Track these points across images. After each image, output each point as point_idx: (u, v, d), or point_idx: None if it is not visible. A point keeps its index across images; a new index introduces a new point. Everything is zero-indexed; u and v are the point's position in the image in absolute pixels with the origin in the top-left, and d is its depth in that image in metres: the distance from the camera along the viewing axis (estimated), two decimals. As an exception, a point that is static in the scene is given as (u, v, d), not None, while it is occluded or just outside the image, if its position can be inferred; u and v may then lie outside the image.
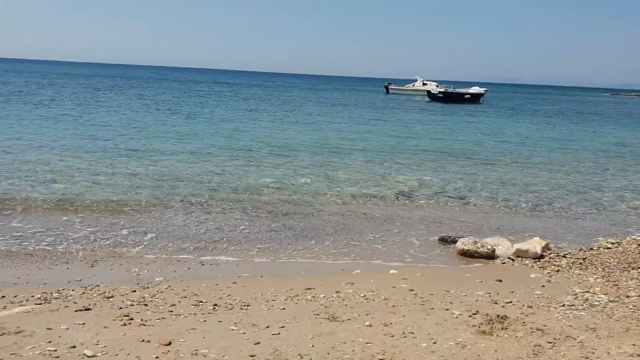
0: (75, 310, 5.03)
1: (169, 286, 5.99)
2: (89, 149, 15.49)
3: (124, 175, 12.08)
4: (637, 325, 4.77)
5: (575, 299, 5.64)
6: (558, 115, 46.32)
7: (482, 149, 20.10)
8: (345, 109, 40.78)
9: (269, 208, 9.94)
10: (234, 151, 16.49)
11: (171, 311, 5.11)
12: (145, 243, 7.78)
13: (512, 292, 5.91)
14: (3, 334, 4.30)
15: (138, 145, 16.55)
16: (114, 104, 32.49)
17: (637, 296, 5.68)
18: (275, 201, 10.44)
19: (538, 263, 7.29)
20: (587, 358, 4.07)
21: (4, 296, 5.43)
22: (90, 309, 5.09)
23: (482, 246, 7.59)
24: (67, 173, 12.02)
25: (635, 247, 8.01)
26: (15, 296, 5.44)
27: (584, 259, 7.43)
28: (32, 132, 18.08)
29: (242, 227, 8.77)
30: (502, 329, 4.64)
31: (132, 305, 5.26)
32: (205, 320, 4.84)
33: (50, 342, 4.18)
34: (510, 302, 5.51)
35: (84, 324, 4.64)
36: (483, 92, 60.76)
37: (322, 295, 5.67)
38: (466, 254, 7.60)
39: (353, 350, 4.14)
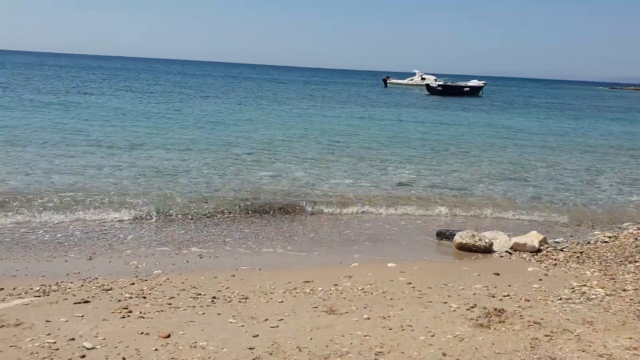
0: (74, 303, 5.04)
1: (168, 279, 6.00)
2: (82, 141, 15.46)
3: (120, 169, 12.07)
4: (634, 319, 4.80)
5: (572, 292, 5.67)
6: (557, 109, 46.37)
7: (479, 143, 20.11)
8: (340, 102, 40.67)
9: (265, 202, 9.92)
10: (228, 145, 16.38)
11: (170, 304, 5.12)
12: (143, 235, 7.79)
13: (510, 285, 5.94)
14: (2, 326, 4.31)
15: (129, 139, 16.44)
16: (107, 96, 32.44)
17: (634, 290, 5.71)
18: (271, 195, 10.43)
19: (535, 257, 7.32)
20: (584, 351, 4.10)
21: (2, 288, 5.43)
22: (89, 302, 5.10)
23: (479, 240, 7.62)
24: (63, 166, 12.02)
25: (632, 241, 8.05)
26: (14, 288, 5.44)
27: (581, 252, 7.46)
28: (24, 123, 18.03)
29: (239, 220, 8.79)
30: (500, 322, 4.66)
31: (130, 297, 5.27)
32: (204, 313, 4.86)
33: (49, 334, 4.19)
34: (508, 295, 5.53)
35: (82, 316, 4.65)
36: (482, 85, 60.75)
37: (321, 289, 5.68)
38: (464, 248, 7.62)
39: (351, 343, 4.16)
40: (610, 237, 8.36)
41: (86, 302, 5.09)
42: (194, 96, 37.67)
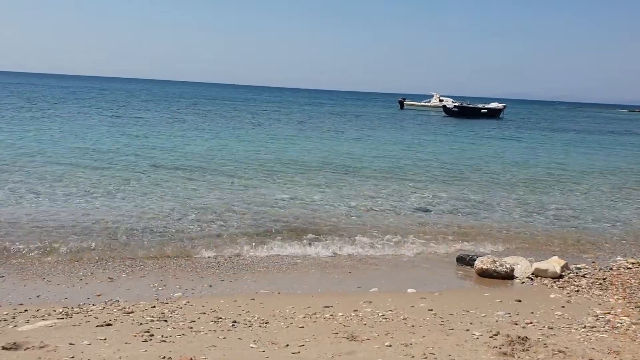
0: (97, 326, 5.09)
1: (188, 302, 6.02)
2: (97, 163, 15.68)
3: (136, 190, 12.16)
4: (661, 349, 4.71)
5: (596, 320, 5.58)
6: (577, 133, 45.92)
7: (497, 167, 19.97)
8: (357, 124, 40.71)
9: (283, 225, 9.91)
10: (243, 167, 16.40)
11: (191, 327, 5.14)
12: (162, 258, 7.83)
13: (532, 312, 5.86)
14: (27, 348, 4.36)
15: (139, 162, 16.60)
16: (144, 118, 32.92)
17: (661, 319, 5.59)
18: (288, 218, 10.41)
19: (557, 283, 7.22)
20: (610, 382, 4.02)
21: (26, 310, 5.52)
22: (111, 325, 5.14)
23: (500, 265, 7.54)
24: (85, 189, 12.19)
25: (657, 268, 7.90)
26: (38, 310, 5.52)
27: (603, 279, 7.34)
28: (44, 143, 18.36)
29: (257, 242, 8.77)
30: (523, 350, 4.60)
31: (152, 321, 5.30)
32: (225, 337, 4.86)
33: (73, 357, 4.22)
34: (531, 322, 5.46)
35: (105, 339, 4.68)
36: (501, 107, 60.47)
37: (340, 314, 5.66)
38: (485, 274, 7.54)
39: (373, 371, 4.13)
40: (633, 263, 8.22)
41: (108, 325, 5.13)
42: (212, 121, 38.13)
